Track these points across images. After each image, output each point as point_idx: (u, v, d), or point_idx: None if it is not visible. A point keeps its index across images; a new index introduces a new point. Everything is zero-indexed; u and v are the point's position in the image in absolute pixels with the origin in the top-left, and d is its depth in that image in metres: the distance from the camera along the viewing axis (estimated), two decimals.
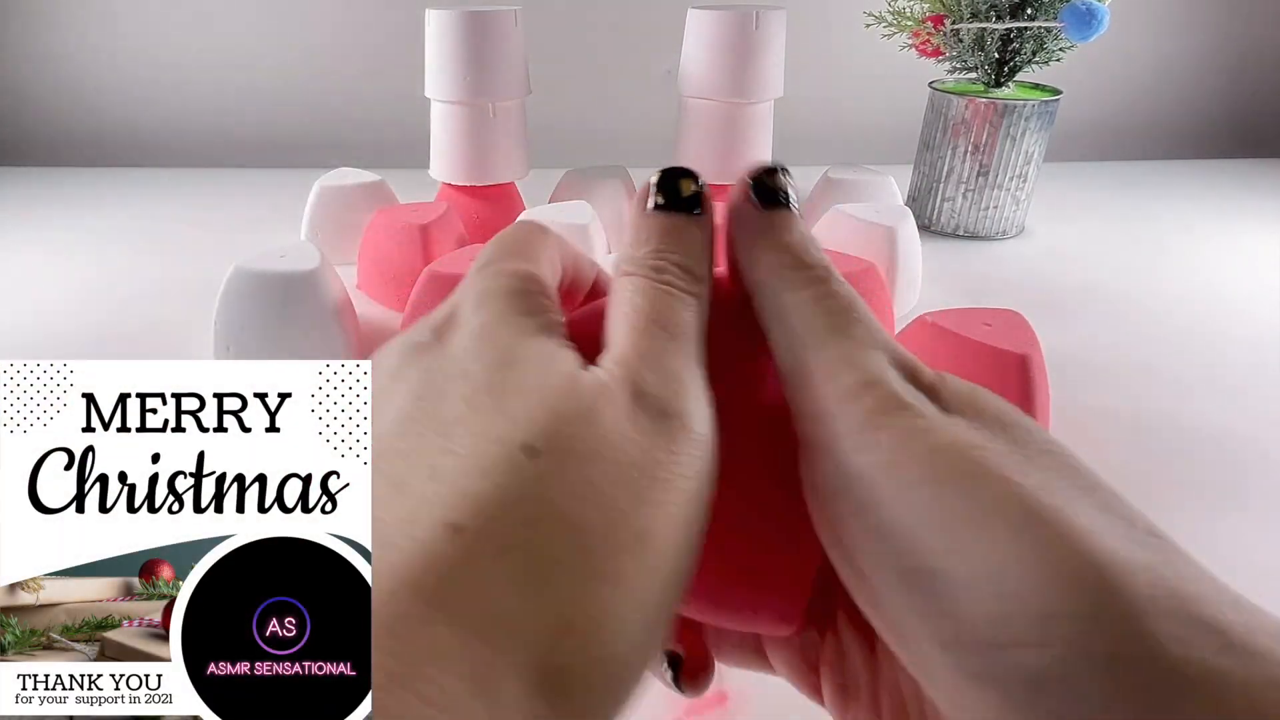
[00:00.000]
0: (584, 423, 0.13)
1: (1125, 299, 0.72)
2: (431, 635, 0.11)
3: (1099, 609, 0.11)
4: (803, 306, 0.16)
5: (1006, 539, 0.12)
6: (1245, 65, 1.17)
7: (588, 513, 0.12)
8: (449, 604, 0.11)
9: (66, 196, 0.91)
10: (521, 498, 0.12)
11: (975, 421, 0.14)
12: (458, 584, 0.11)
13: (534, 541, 0.12)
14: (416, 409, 0.15)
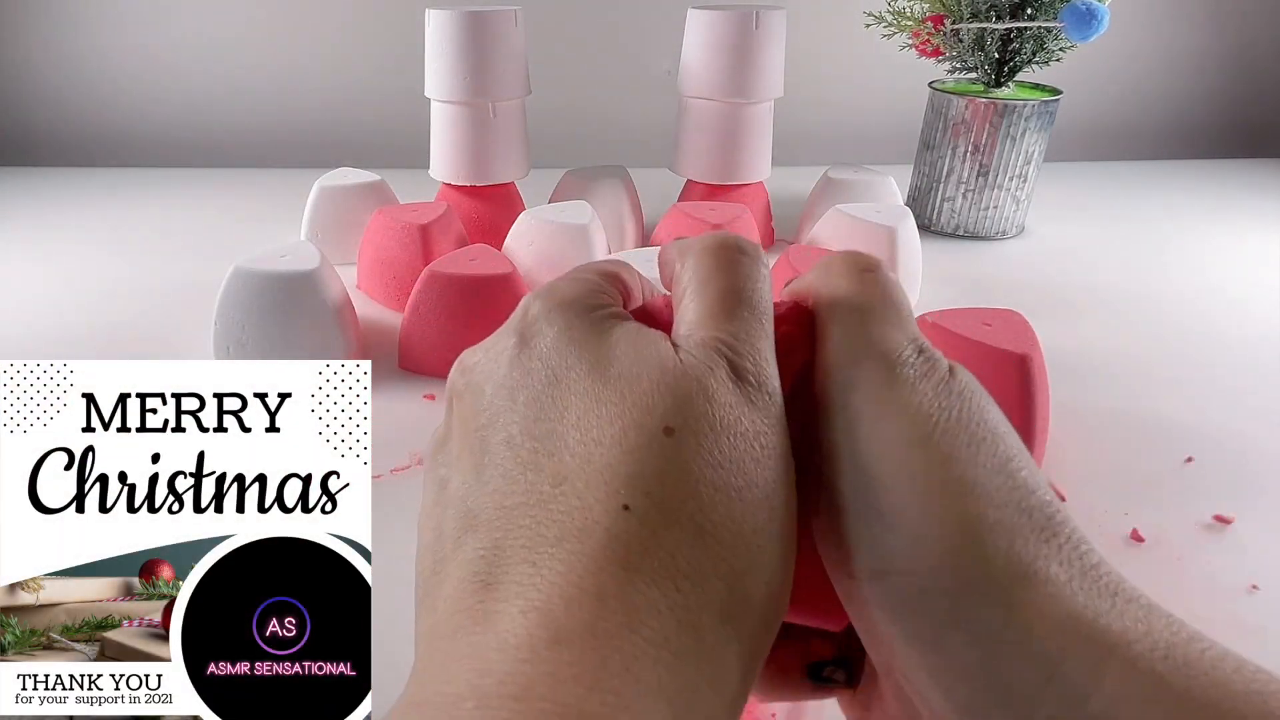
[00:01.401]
0: (704, 400, 0.15)
1: (1125, 299, 0.72)
2: (638, 595, 0.13)
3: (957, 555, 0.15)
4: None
5: (925, 501, 0.15)
6: (1245, 65, 1.17)
7: (726, 479, 0.15)
8: (644, 569, 0.14)
9: (66, 196, 0.91)
10: (671, 472, 0.14)
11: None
12: (646, 553, 0.14)
13: (691, 509, 0.14)
14: (541, 412, 0.16)
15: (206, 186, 0.96)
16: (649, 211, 0.81)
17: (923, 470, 0.16)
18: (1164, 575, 0.40)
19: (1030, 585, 0.15)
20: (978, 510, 0.15)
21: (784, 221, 0.84)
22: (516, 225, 0.66)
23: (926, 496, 0.15)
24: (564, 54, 1.04)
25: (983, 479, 0.16)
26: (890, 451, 0.16)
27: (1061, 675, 0.14)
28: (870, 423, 0.16)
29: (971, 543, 0.15)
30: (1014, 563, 0.15)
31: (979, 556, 0.15)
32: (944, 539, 0.15)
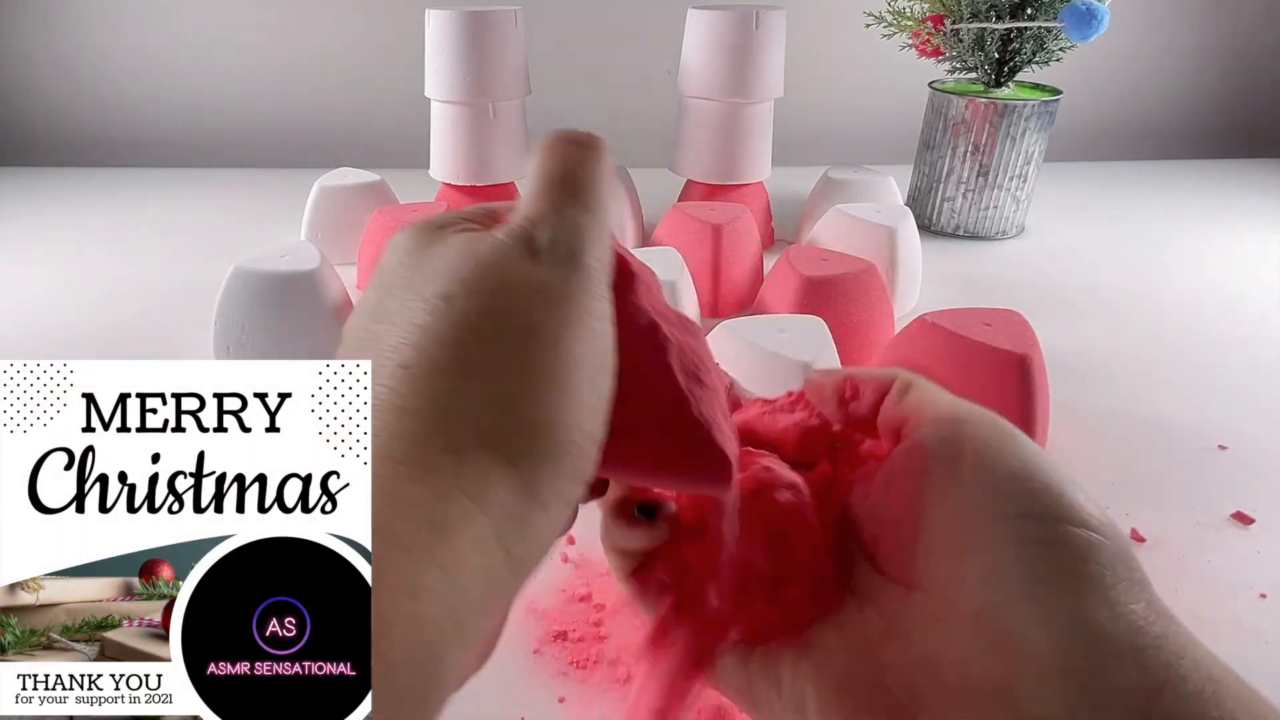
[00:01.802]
0: (486, 268, 0.17)
1: (1125, 299, 0.72)
2: (406, 437, 0.16)
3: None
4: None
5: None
6: (1245, 65, 1.17)
7: (497, 326, 0.16)
8: (416, 414, 0.16)
9: (66, 196, 0.91)
10: (449, 334, 0.16)
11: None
12: (418, 397, 0.16)
13: (454, 355, 0.16)
14: (372, 304, 0.19)
15: (206, 186, 0.96)
16: (649, 211, 0.81)
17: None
18: (1165, 575, 0.40)
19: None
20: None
21: (784, 221, 0.84)
22: None
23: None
24: (564, 54, 1.04)
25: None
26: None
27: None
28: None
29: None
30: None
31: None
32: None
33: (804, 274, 0.57)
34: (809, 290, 0.57)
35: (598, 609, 0.37)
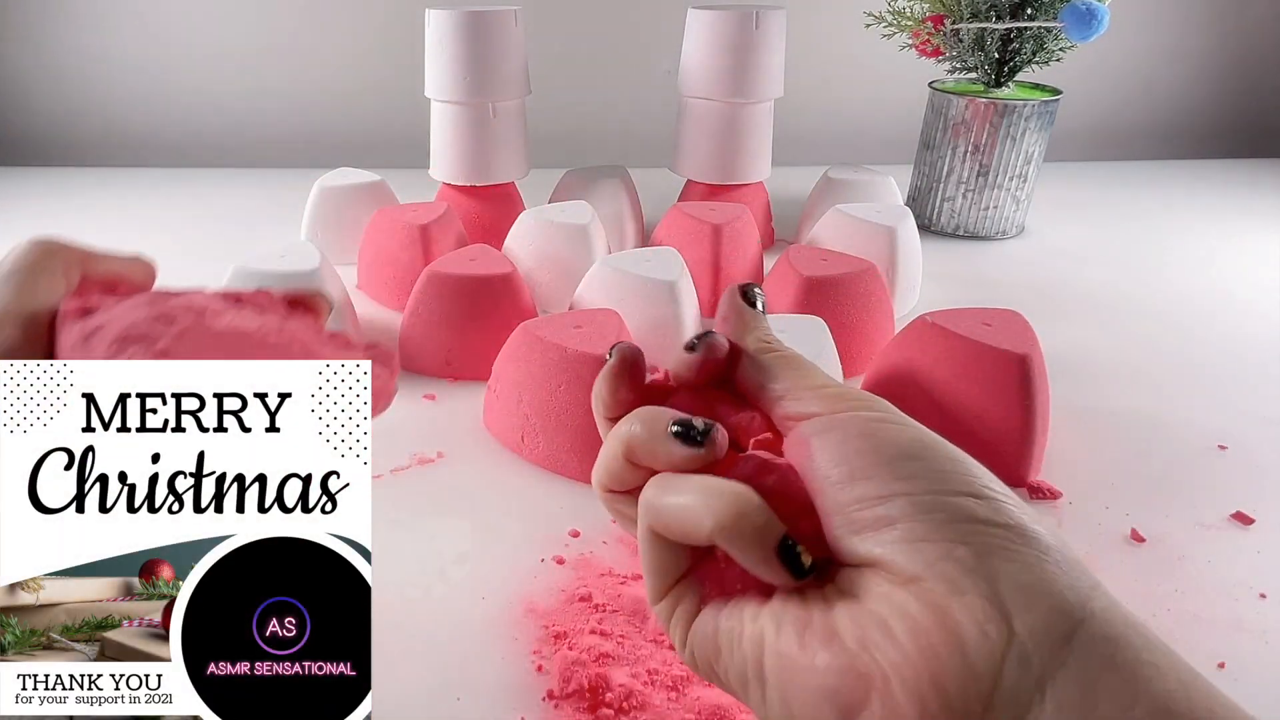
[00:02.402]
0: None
1: (1125, 299, 0.72)
2: None
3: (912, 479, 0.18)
4: (772, 362, 0.23)
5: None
6: (1245, 66, 1.17)
7: None
8: None
9: (66, 196, 0.91)
10: None
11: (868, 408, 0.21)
12: None
13: None
14: None
15: (206, 186, 0.96)
16: (649, 211, 0.81)
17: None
18: (1165, 575, 0.40)
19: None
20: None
21: (784, 221, 0.84)
22: (516, 225, 0.66)
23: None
24: (564, 54, 1.04)
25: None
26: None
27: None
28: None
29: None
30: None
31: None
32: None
33: (804, 274, 0.57)
34: (809, 290, 0.57)
35: (598, 609, 0.37)
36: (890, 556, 0.18)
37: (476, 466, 0.47)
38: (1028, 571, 0.17)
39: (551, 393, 0.46)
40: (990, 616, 0.16)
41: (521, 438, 0.48)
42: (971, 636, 0.16)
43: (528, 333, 0.47)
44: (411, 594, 0.38)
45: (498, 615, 0.37)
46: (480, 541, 0.42)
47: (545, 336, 0.47)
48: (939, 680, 0.16)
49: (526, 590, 0.39)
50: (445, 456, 0.48)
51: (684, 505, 0.20)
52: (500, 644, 0.36)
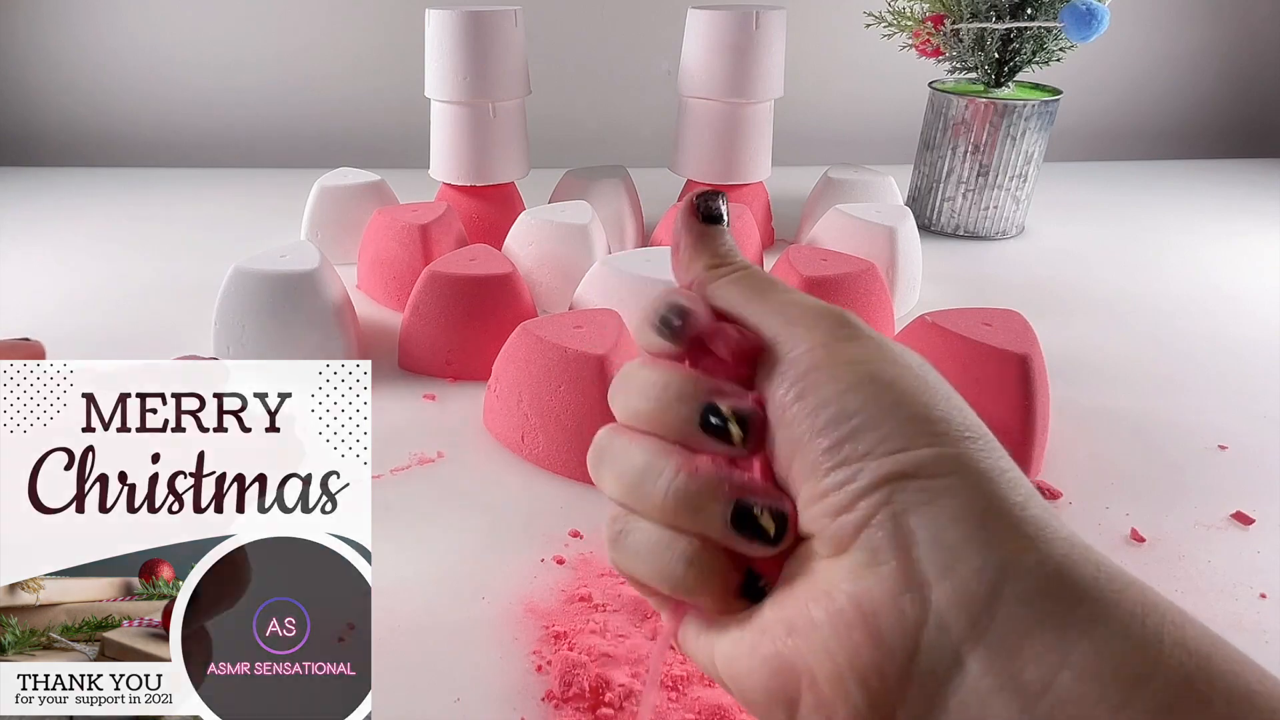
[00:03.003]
0: None
1: (1125, 299, 0.72)
2: None
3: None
4: (736, 283, 0.21)
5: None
6: (1245, 65, 1.17)
7: None
8: None
9: (66, 196, 0.91)
10: None
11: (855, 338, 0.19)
12: None
13: None
14: None
15: (206, 186, 0.96)
16: (649, 211, 0.81)
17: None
18: (1165, 575, 0.40)
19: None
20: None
21: (784, 221, 0.84)
22: (516, 225, 0.66)
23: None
24: (564, 54, 1.04)
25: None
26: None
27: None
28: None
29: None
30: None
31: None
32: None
33: (804, 274, 0.57)
34: (809, 290, 0.56)
35: (598, 609, 0.37)
36: (821, 528, 0.17)
37: (476, 466, 0.47)
38: (955, 527, 0.16)
39: (551, 393, 0.46)
40: (906, 587, 0.16)
41: (521, 438, 0.48)
42: (887, 617, 0.16)
43: (528, 333, 0.47)
44: (411, 594, 0.38)
45: (497, 615, 0.37)
46: (480, 542, 0.42)
47: (545, 336, 0.47)
48: (858, 668, 0.16)
49: (526, 590, 0.39)
50: (445, 456, 0.48)
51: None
52: (500, 644, 0.36)
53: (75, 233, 0.81)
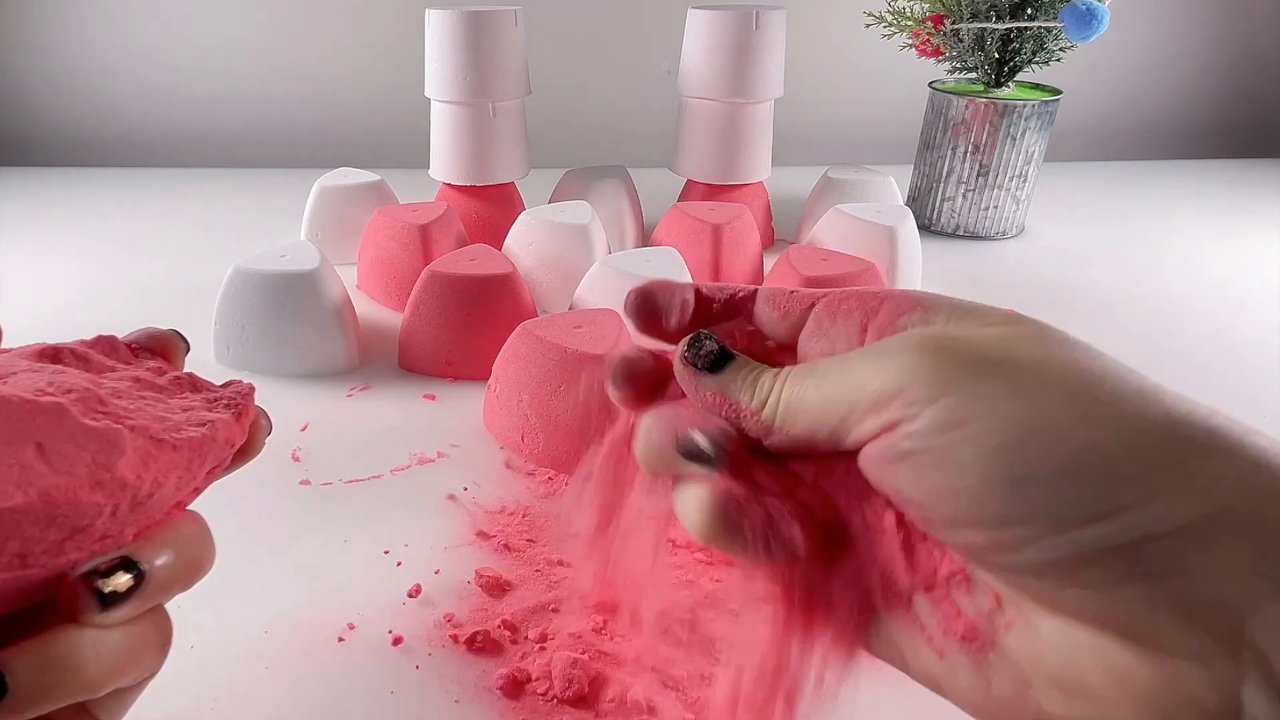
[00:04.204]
0: None
1: (1125, 299, 0.72)
2: None
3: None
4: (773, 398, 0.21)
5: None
6: (1244, 65, 1.17)
7: None
8: None
9: (66, 196, 0.91)
10: None
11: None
12: None
13: None
14: None
15: (206, 186, 0.96)
16: (649, 211, 0.81)
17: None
18: None
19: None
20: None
21: (784, 221, 0.84)
22: (516, 225, 0.66)
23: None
24: (564, 54, 1.04)
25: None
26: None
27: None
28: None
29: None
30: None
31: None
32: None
33: (804, 274, 0.57)
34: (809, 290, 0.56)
35: (600, 610, 0.37)
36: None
37: (476, 467, 0.47)
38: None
39: (552, 393, 0.46)
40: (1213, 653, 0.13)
41: (521, 438, 0.48)
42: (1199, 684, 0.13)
43: (528, 333, 0.47)
44: (411, 594, 0.38)
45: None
46: (479, 542, 0.42)
47: (545, 336, 0.47)
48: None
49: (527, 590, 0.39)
50: (445, 456, 0.48)
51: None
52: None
53: (75, 233, 0.81)
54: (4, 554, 0.17)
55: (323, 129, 1.08)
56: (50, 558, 0.18)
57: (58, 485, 0.17)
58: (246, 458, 0.23)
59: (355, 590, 0.38)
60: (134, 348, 0.24)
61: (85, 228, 0.83)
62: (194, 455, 0.20)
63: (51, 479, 0.17)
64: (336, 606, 0.37)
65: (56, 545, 0.18)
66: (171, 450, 0.20)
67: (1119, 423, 0.16)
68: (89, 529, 0.18)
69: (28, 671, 0.17)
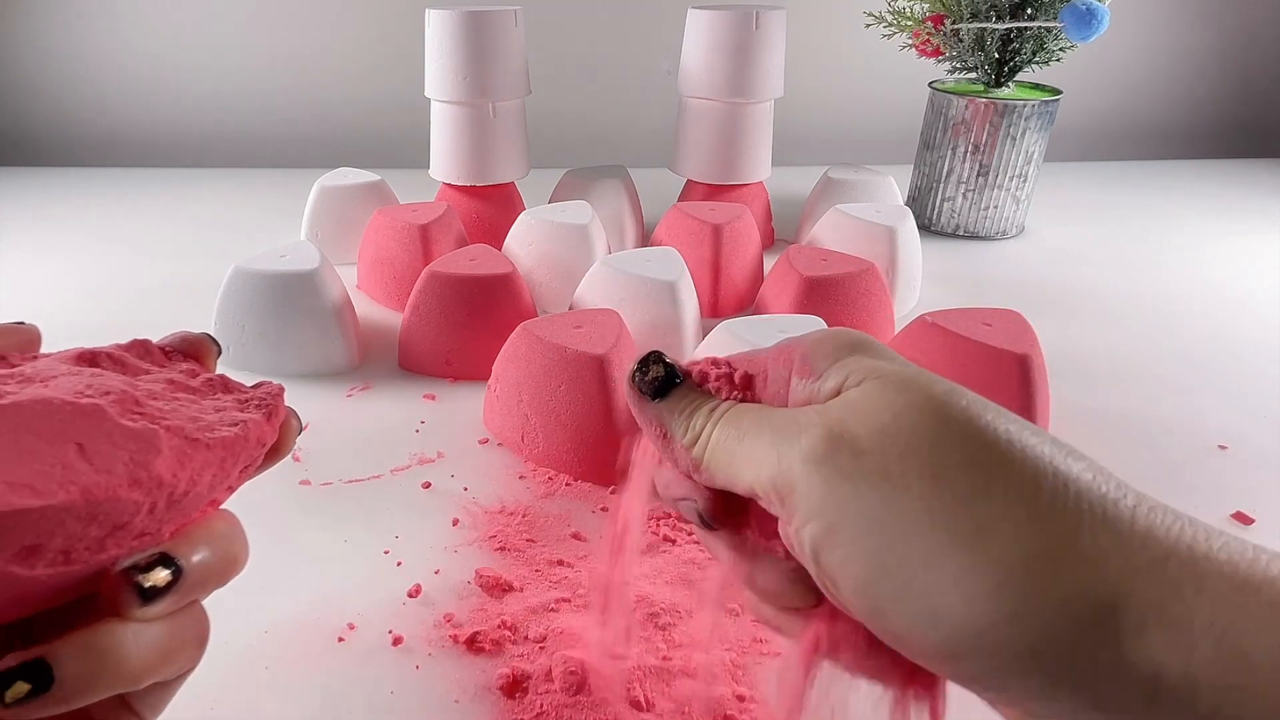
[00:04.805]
0: None
1: (1125, 299, 0.72)
2: None
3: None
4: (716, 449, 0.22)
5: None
6: (1245, 65, 1.17)
7: None
8: None
9: (66, 196, 0.91)
10: None
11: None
12: None
13: None
14: None
15: (206, 186, 0.96)
16: (649, 211, 0.81)
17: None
18: None
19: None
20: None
21: (784, 221, 0.84)
22: (516, 225, 0.66)
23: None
24: (564, 54, 1.04)
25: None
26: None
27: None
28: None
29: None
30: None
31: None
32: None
33: (804, 274, 0.57)
34: (809, 290, 0.57)
35: (600, 610, 0.37)
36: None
37: (476, 466, 0.47)
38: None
39: (552, 393, 0.46)
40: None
41: (521, 437, 0.48)
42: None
43: (528, 333, 0.47)
44: (411, 594, 0.38)
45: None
46: (479, 543, 0.42)
47: (545, 336, 0.47)
48: None
49: (523, 600, 0.39)
50: (445, 456, 0.48)
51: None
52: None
53: (75, 233, 0.81)
54: (49, 550, 0.18)
55: (323, 129, 1.08)
56: (92, 554, 0.18)
57: (98, 483, 0.18)
58: (278, 457, 0.23)
59: (355, 590, 0.38)
60: (167, 351, 0.24)
61: (85, 228, 0.83)
62: (227, 454, 0.21)
63: (92, 477, 0.18)
64: (336, 606, 0.37)
65: (98, 542, 0.18)
66: (205, 449, 0.20)
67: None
68: (128, 526, 0.19)
69: (73, 662, 0.18)
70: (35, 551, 0.17)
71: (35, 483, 0.17)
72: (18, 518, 0.17)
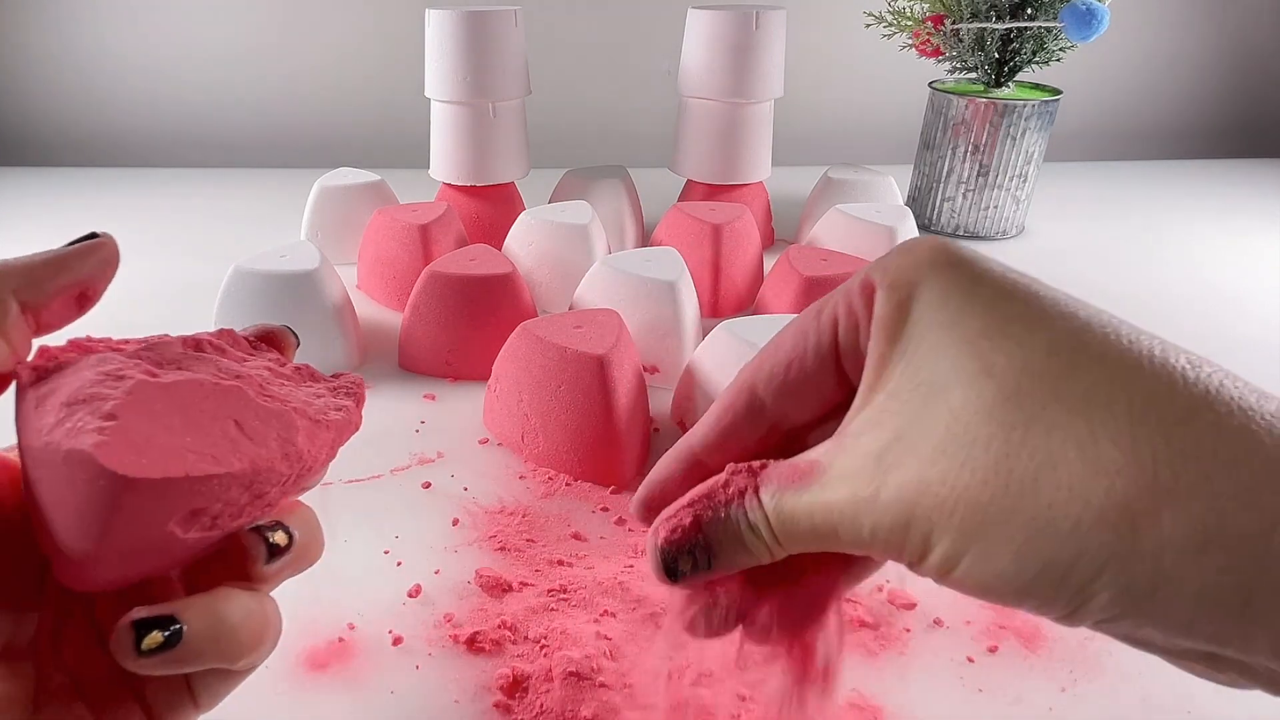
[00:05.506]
0: None
1: (1125, 299, 0.72)
2: None
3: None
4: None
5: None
6: (1245, 65, 1.17)
7: None
8: None
9: (66, 196, 0.91)
10: None
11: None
12: None
13: None
14: None
15: (206, 186, 0.96)
16: (649, 211, 0.81)
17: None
18: None
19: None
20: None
21: (784, 221, 0.84)
22: (516, 225, 0.66)
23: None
24: (564, 54, 1.04)
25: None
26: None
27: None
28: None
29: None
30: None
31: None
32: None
33: (804, 274, 0.57)
34: (809, 290, 0.57)
35: (603, 613, 0.37)
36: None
37: (476, 466, 0.47)
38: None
39: (552, 393, 0.46)
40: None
41: (521, 437, 0.48)
42: None
43: (528, 333, 0.47)
44: (411, 594, 0.38)
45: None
46: (478, 545, 0.42)
47: (545, 336, 0.47)
48: None
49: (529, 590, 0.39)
50: (445, 456, 0.48)
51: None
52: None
53: (75, 232, 0.81)
54: (206, 515, 0.19)
55: (323, 129, 1.08)
56: (232, 519, 0.20)
57: (261, 455, 0.20)
58: (347, 436, 0.24)
59: (355, 590, 0.38)
60: (251, 341, 0.25)
61: (85, 228, 0.82)
62: (338, 435, 0.22)
63: (255, 449, 0.20)
64: (336, 606, 0.37)
65: (240, 509, 0.20)
66: (325, 429, 0.22)
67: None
68: (265, 495, 0.20)
69: (199, 622, 0.19)
70: (197, 515, 0.19)
71: (215, 452, 0.19)
72: (200, 483, 0.18)
